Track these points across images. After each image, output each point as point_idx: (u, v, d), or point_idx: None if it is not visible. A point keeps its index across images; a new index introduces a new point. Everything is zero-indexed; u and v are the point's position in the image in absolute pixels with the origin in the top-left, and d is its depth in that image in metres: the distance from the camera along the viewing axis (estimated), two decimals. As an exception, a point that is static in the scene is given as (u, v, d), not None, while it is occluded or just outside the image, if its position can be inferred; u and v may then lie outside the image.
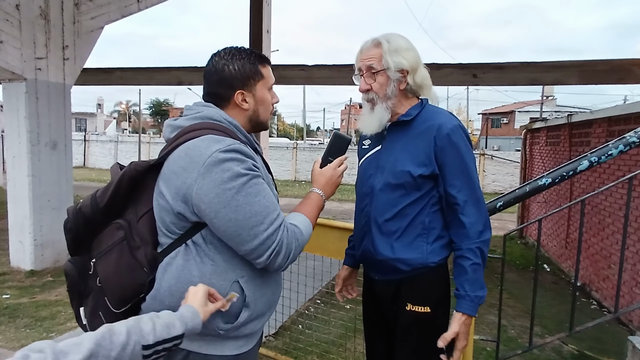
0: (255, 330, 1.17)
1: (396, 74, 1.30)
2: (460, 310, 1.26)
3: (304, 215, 1.19)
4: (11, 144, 4.39)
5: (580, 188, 5.46)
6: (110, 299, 1.07)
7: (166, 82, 7.59)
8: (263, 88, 1.20)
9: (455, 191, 1.27)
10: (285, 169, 18.96)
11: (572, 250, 5.62)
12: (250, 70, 1.17)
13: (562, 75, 5.87)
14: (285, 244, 1.07)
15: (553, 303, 4.44)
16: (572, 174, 1.51)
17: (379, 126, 1.34)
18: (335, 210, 10.83)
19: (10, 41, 4.06)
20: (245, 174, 1.02)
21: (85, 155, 23.01)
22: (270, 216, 1.05)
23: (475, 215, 1.26)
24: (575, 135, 5.88)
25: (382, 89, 1.32)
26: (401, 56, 1.29)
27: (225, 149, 1.02)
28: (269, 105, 1.24)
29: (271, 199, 1.08)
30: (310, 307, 3.15)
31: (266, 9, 6.04)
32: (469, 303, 1.26)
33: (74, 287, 1.14)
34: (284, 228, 1.08)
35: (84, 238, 1.14)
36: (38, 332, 3.11)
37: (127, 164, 1.14)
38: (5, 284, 4.10)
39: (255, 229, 1.02)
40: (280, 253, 1.06)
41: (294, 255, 1.10)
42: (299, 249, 1.12)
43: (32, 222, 4.37)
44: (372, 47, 1.33)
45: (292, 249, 1.09)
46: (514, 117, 32.17)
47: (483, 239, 1.27)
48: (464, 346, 1.28)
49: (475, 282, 1.26)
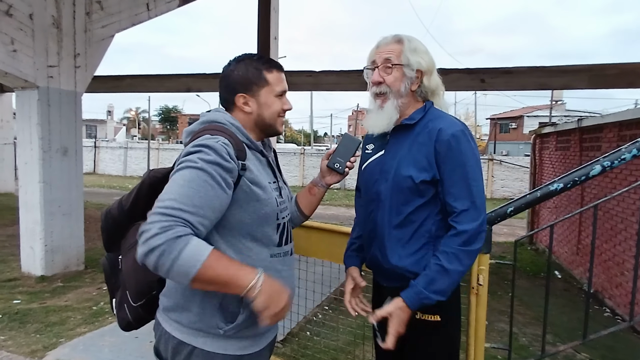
0: (259, 332, 1.18)
1: (412, 72, 1.29)
2: (402, 296, 1.23)
3: (216, 257, 0.97)
4: (23, 150, 4.46)
5: (592, 193, 5.39)
6: (129, 292, 1.19)
7: (175, 89, 7.67)
8: (268, 94, 1.22)
9: (453, 199, 1.23)
10: (292, 175, 19.00)
11: (583, 257, 5.52)
12: (252, 76, 1.21)
13: (571, 79, 5.81)
14: (163, 243, 0.92)
15: (564, 310, 4.36)
16: (585, 179, 1.49)
17: (387, 125, 1.31)
18: (343, 216, 10.81)
19: (24, 50, 4.14)
20: (196, 161, 1.02)
21: (95, 161, 23.30)
22: (176, 205, 0.96)
23: (469, 224, 1.20)
24: (586, 139, 5.81)
25: (395, 83, 1.30)
26: (420, 57, 1.29)
27: (198, 143, 1.07)
28: (276, 111, 1.24)
29: (200, 196, 0.99)
30: (318, 313, 3.13)
31: (274, 16, 6.09)
32: (412, 294, 1.21)
33: (108, 280, 1.29)
34: (178, 229, 0.94)
35: (114, 237, 1.28)
36: (48, 337, 3.13)
37: (145, 170, 1.23)
38: (16, 289, 4.15)
39: (157, 202, 0.98)
40: (150, 240, 0.93)
41: (155, 263, 0.93)
42: (165, 265, 0.93)
43: (42, 228, 4.42)
44: (392, 42, 1.32)
45: (161, 254, 0.92)
46: (523, 122, 31.94)
47: (467, 248, 1.20)
48: (398, 332, 1.23)
49: (432, 282, 1.20)
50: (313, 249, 2.17)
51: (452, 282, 1.21)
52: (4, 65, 3.96)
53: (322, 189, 1.41)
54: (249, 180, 1.12)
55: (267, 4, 5.91)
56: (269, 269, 1.16)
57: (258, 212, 1.14)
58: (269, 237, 1.19)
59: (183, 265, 0.93)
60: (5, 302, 3.80)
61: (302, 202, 1.42)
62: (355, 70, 5.85)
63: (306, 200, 1.42)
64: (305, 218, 1.44)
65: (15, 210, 4.88)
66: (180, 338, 1.11)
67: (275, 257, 1.20)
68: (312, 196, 1.42)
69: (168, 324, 1.14)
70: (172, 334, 1.12)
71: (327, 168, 1.38)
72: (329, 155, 1.38)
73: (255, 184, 1.13)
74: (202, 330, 1.11)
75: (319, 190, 1.41)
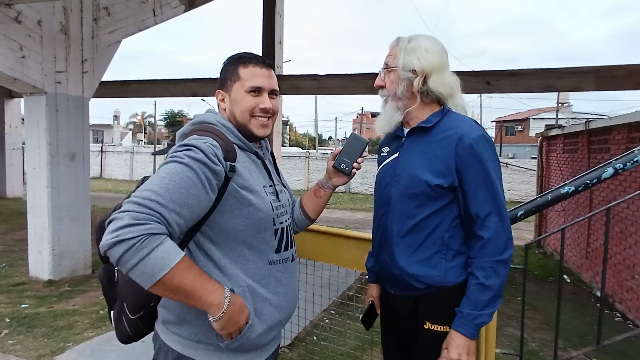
0: (262, 344, 1.13)
1: (406, 73, 1.26)
2: (454, 328, 1.19)
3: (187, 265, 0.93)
4: (31, 155, 4.49)
5: (601, 196, 5.32)
6: (127, 305, 1.14)
7: (181, 94, 7.70)
8: (239, 89, 1.16)
9: (476, 205, 1.19)
10: (297, 179, 19.00)
11: (592, 260, 5.45)
12: (228, 71, 1.18)
13: (578, 81, 5.75)
14: (134, 237, 0.86)
15: (574, 315, 4.30)
16: (596, 181, 1.47)
17: (388, 124, 1.31)
18: (349, 220, 10.77)
19: (32, 56, 4.18)
20: (182, 157, 0.99)
21: (102, 166, 23.46)
22: (153, 197, 0.91)
23: (496, 231, 1.17)
24: (594, 142, 5.76)
25: (392, 86, 1.29)
26: (415, 56, 1.24)
27: (184, 143, 1.04)
28: (246, 108, 1.15)
29: (180, 192, 0.94)
30: (325, 318, 3.11)
31: (279, 20, 6.12)
32: (463, 321, 1.18)
33: (105, 292, 1.23)
34: (153, 225, 0.88)
35: None
36: (55, 341, 3.14)
37: (149, 175, 1.19)
38: (24, 294, 4.17)
39: (136, 191, 0.95)
40: (120, 231, 0.86)
41: (120, 256, 0.87)
42: (131, 261, 0.87)
43: (50, 233, 4.44)
44: (393, 44, 1.31)
45: (129, 248, 0.86)
46: (529, 125, 31.73)
47: (500, 258, 1.17)
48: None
49: (479, 302, 1.17)
50: (320, 253, 2.16)
51: (494, 295, 1.18)
52: (12, 71, 4.01)
53: (329, 191, 1.36)
54: (238, 185, 1.07)
55: (272, 9, 5.95)
56: (268, 276, 1.13)
57: (252, 218, 1.09)
58: (266, 243, 1.14)
59: (150, 265, 0.87)
60: (13, 306, 3.82)
61: (307, 204, 1.37)
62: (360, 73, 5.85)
63: (311, 203, 1.37)
64: (310, 222, 1.39)
65: (23, 215, 4.92)
66: (181, 351, 1.08)
67: (274, 265, 1.15)
68: (317, 198, 1.37)
69: (167, 336, 1.11)
70: (172, 347, 1.09)
71: (333, 169, 1.33)
72: (334, 155, 1.33)
73: (245, 188, 1.08)
74: (202, 343, 1.08)
75: (325, 192, 1.36)
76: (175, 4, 5.47)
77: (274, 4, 5.94)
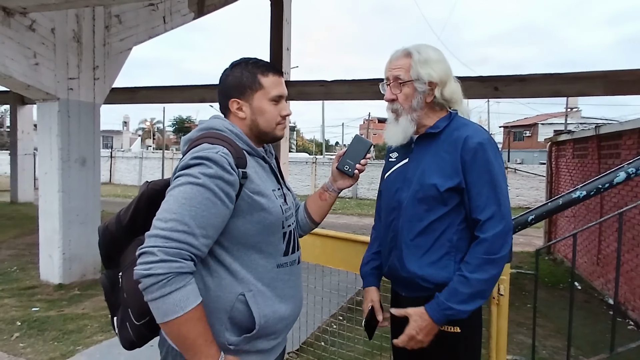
0: (270, 347, 1.15)
1: (423, 86, 1.28)
2: (425, 306, 1.22)
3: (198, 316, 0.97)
4: (43, 160, 4.56)
5: (612, 202, 5.26)
6: (132, 310, 1.12)
7: (189, 100, 7.79)
8: (262, 98, 1.16)
9: (478, 208, 1.21)
10: (304, 184, 19.02)
11: (604, 267, 5.37)
12: (246, 80, 1.16)
13: (586, 86, 5.71)
14: (165, 274, 0.92)
15: (586, 322, 4.23)
16: (609, 186, 1.46)
17: (403, 138, 1.31)
18: (355, 225, 10.74)
19: (46, 63, 4.26)
20: (198, 177, 1.00)
21: (111, 171, 23.70)
22: (179, 227, 0.95)
23: (493, 233, 1.18)
24: (604, 147, 5.70)
25: (407, 100, 1.29)
26: (430, 68, 1.26)
27: (198, 154, 1.03)
28: (271, 116, 1.18)
29: (204, 215, 0.98)
30: (332, 323, 3.10)
31: (286, 27, 6.18)
32: (434, 306, 1.21)
33: (108, 298, 1.22)
34: (183, 264, 0.95)
35: (113, 254, 1.21)
36: (65, 345, 3.17)
37: (152, 181, 1.20)
38: (34, 297, 4.21)
39: (157, 221, 0.97)
40: (153, 265, 0.92)
41: (147, 287, 0.93)
42: (153, 294, 0.93)
43: (61, 237, 4.49)
44: (401, 56, 1.30)
45: (156, 282, 0.92)
46: (537, 130, 31.49)
47: (491, 257, 1.17)
48: (411, 336, 1.22)
49: (454, 294, 1.18)
50: (328, 258, 2.16)
51: (474, 292, 1.18)
52: (26, 78, 4.08)
53: (334, 193, 1.36)
54: (250, 191, 1.08)
55: (279, 16, 6.01)
56: (276, 279, 1.14)
57: (263, 222, 1.10)
58: (275, 246, 1.15)
59: (168, 304, 0.93)
60: (24, 309, 3.86)
61: (311, 207, 1.37)
62: (367, 79, 5.87)
63: (316, 206, 1.37)
64: (315, 225, 1.39)
65: (34, 220, 4.98)
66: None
67: (282, 267, 1.16)
68: (322, 201, 1.36)
69: None
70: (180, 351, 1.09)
71: (337, 171, 1.33)
72: (339, 157, 1.34)
73: (257, 193, 1.09)
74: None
75: (330, 195, 1.36)
76: (184, 11, 5.56)
77: (281, 11, 6.01)
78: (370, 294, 1.46)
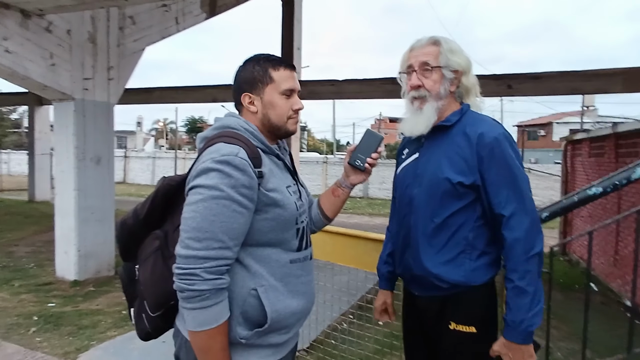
0: (281, 342, 1.15)
1: (451, 73, 1.27)
2: (504, 336, 1.19)
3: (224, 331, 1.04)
4: (60, 159, 4.66)
5: (630, 201, 5.13)
6: (148, 303, 1.15)
7: (202, 100, 7.87)
8: (273, 92, 1.16)
9: (500, 205, 1.18)
10: (315, 184, 19.02)
11: (621, 269, 5.25)
12: (258, 73, 1.16)
13: (605, 83, 5.58)
14: (208, 290, 0.99)
15: (603, 325, 4.13)
16: (626, 182, 1.42)
17: (425, 127, 1.27)
18: (366, 225, 10.71)
19: (62, 64, 4.35)
20: (220, 190, 1.01)
21: (125, 171, 24.06)
22: (215, 245, 1.01)
23: (522, 230, 1.15)
24: (622, 145, 5.57)
25: (435, 86, 1.27)
26: (457, 57, 1.27)
27: (218, 159, 1.03)
28: (283, 110, 1.18)
29: (234, 228, 1.03)
30: (343, 321, 3.10)
31: (297, 27, 6.18)
32: (509, 329, 1.17)
33: (126, 290, 1.26)
34: (223, 281, 1.02)
35: (130, 247, 1.24)
36: (80, 339, 3.23)
37: (168, 176, 1.23)
38: (51, 293, 4.30)
39: (190, 240, 1.01)
40: (199, 283, 0.99)
41: (186, 296, 0.99)
42: (191, 304, 1.00)
43: (76, 234, 4.58)
44: (428, 44, 1.29)
45: (198, 296, 0.99)
46: (552, 129, 30.94)
47: (529, 256, 1.14)
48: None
49: (519, 307, 1.15)
50: (340, 255, 2.15)
51: (533, 293, 1.16)
52: (44, 78, 4.17)
53: (347, 189, 1.36)
54: (266, 189, 1.09)
55: (290, 15, 6.02)
56: (289, 275, 1.15)
57: (278, 219, 1.11)
58: (288, 242, 1.16)
59: (204, 316, 1.00)
60: (41, 305, 3.95)
61: (324, 204, 1.38)
62: (378, 78, 5.83)
63: (329, 202, 1.37)
64: (328, 221, 1.40)
65: (51, 218, 5.09)
66: None
67: (294, 263, 1.17)
68: (335, 198, 1.37)
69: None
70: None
71: (349, 166, 1.32)
72: (350, 152, 1.32)
73: (272, 190, 1.10)
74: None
75: (343, 191, 1.36)
76: (197, 12, 5.62)
77: (292, 11, 6.02)
78: (384, 297, 1.50)
